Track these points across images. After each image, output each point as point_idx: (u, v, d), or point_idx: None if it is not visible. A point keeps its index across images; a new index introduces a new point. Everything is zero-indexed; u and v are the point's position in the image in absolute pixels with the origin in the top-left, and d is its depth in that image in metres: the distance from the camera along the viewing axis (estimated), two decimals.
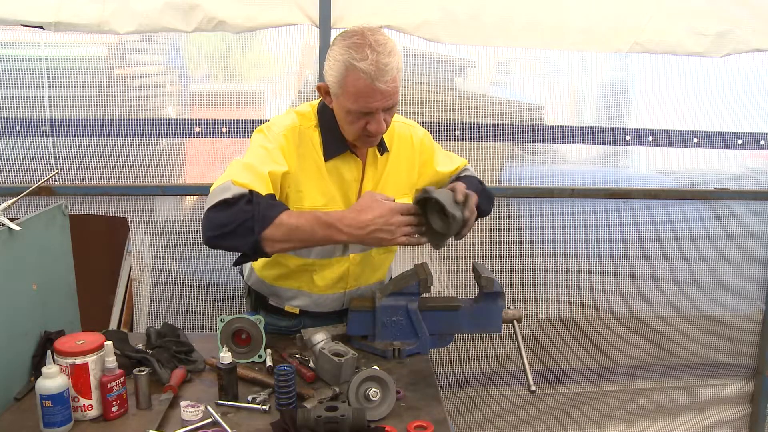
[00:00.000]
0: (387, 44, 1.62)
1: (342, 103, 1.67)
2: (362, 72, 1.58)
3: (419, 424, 1.46)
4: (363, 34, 1.62)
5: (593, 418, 2.90)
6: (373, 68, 1.58)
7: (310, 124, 1.79)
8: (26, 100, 2.30)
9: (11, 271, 1.57)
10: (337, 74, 1.63)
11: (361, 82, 1.60)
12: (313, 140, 1.78)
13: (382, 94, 1.62)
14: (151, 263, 2.48)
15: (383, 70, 1.59)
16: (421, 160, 1.96)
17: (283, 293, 1.93)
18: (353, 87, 1.61)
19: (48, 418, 1.40)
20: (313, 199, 1.79)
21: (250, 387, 1.62)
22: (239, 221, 1.56)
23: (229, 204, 1.57)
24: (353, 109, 1.65)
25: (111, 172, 2.39)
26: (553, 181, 2.62)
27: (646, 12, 2.41)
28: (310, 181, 1.78)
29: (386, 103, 1.66)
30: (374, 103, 1.64)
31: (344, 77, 1.62)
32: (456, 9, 2.33)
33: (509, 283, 2.64)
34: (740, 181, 2.73)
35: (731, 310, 2.83)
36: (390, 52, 1.61)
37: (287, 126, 1.76)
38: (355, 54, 1.59)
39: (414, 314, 1.81)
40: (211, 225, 1.59)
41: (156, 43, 2.39)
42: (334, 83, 1.65)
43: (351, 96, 1.63)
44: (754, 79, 2.62)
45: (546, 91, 2.58)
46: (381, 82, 1.60)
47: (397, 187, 1.93)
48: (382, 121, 1.68)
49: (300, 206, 1.78)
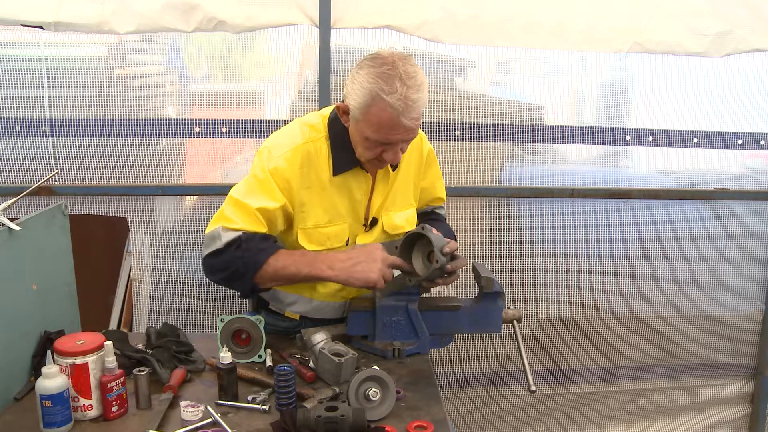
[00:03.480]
0: (417, 77, 1.59)
1: (361, 129, 1.65)
2: (389, 106, 1.56)
3: (419, 424, 1.46)
4: (394, 64, 1.58)
5: (593, 418, 2.90)
6: (401, 104, 1.56)
7: (320, 135, 1.77)
8: (26, 100, 2.30)
9: (11, 271, 1.57)
10: (361, 101, 1.60)
11: (386, 115, 1.58)
12: (321, 153, 1.76)
13: (406, 129, 1.62)
14: (151, 263, 2.48)
15: (411, 107, 1.57)
16: (426, 167, 1.98)
17: (284, 298, 1.93)
18: (377, 118, 1.59)
19: (48, 418, 1.40)
20: (317, 217, 1.78)
21: (250, 387, 1.62)
22: (232, 269, 1.68)
23: (219, 253, 1.67)
24: (372, 138, 1.64)
25: (111, 172, 2.39)
26: (553, 181, 2.62)
27: (646, 12, 2.41)
28: (314, 198, 1.77)
29: (407, 137, 1.66)
30: (396, 136, 1.63)
31: (369, 106, 1.59)
32: (456, 9, 2.33)
33: (509, 283, 2.64)
34: (740, 181, 2.73)
35: (731, 310, 2.83)
36: (419, 86, 1.59)
37: (290, 148, 1.73)
38: (384, 85, 1.56)
39: (414, 314, 1.81)
40: (208, 272, 1.74)
41: (156, 43, 2.39)
42: (357, 109, 1.63)
43: (373, 126, 1.61)
44: (754, 79, 2.61)
45: (546, 91, 2.58)
46: (407, 118, 1.58)
47: (404, 199, 1.94)
48: (398, 151, 1.68)
49: (304, 225, 1.78)
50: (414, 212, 1.99)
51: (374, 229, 1.89)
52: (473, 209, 2.59)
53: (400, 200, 1.92)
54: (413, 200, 1.98)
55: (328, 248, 1.81)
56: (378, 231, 1.89)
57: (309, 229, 1.79)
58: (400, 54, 1.63)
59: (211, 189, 2.41)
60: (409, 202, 1.96)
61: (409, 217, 1.95)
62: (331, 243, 1.81)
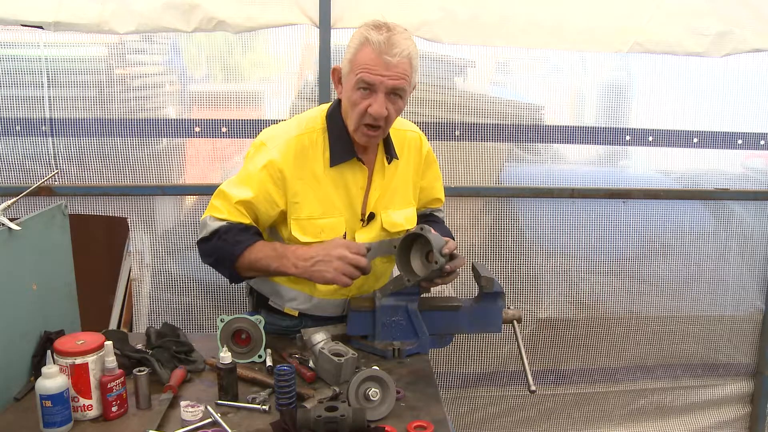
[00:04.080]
0: (404, 32, 1.70)
1: (350, 80, 1.71)
2: (372, 43, 1.65)
3: (419, 424, 1.46)
4: (385, 22, 1.71)
5: (593, 418, 2.90)
6: (384, 41, 1.65)
7: (317, 127, 1.80)
8: (26, 100, 2.30)
9: (11, 271, 1.57)
10: (350, 51, 1.70)
11: (369, 53, 1.66)
12: (317, 145, 1.79)
13: (388, 68, 1.66)
14: (150, 263, 2.48)
15: (393, 44, 1.65)
16: (425, 167, 2.00)
17: (285, 293, 1.93)
18: (362, 59, 1.67)
19: (48, 418, 1.40)
20: (311, 209, 1.80)
21: (250, 387, 1.62)
22: (215, 256, 1.79)
23: (206, 240, 1.78)
24: (357, 80, 1.67)
25: (111, 172, 2.39)
26: (553, 181, 2.62)
27: (646, 12, 2.41)
28: (308, 189, 1.79)
29: (390, 82, 1.67)
30: (378, 75, 1.66)
31: (356, 51, 1.68)
32: (456, 9, 2.33)
33: (509, 283, 2.64)
34: (740, 181, 2.73)
35: (731, 310, 2.83)
36: (403, 33, 1.70)
37: (284, 140, 1.77)
38: (371, 31, 1.67)
39: (414, 314, 1.81)
40: (200, 255, 1.84)
41: (156, 43, 2.39)
42: (347, 61, 1.71)
43: (358, 67, 1.68)
44: (754, 79, 2.61)
45: (546, 91, 2.58)
46: (389, 55, 1.65)
47: (404, 197, 1.95)
48: (383, 103, 1.69)
49: (297, 216, 1.80)
50: (414, 211, 1.99)
51: (372, 224, 1.89)
52: (473, 209, 2.59)
53: (399, 198, 1.93)
54: (413, 199, 1.99)
55: (323, 240, 1.80)
56: (377, 227, 1.89)
57: (303, 220, 1.80)
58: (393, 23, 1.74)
59: (211, 189, 2.38)
60: (408, 200, 1.97)
61: (408, 216, 1.95)
62: (326, 235, 1.81)
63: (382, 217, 1.89)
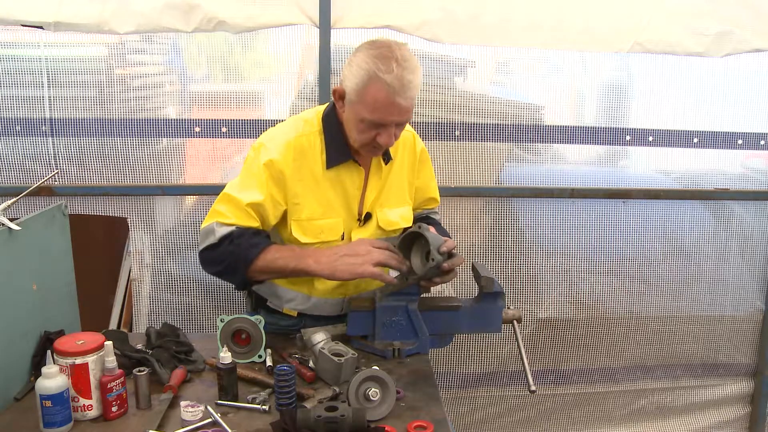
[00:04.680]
0: (412, 60, 1.65)
1: (357, 110, 1.68)
2: (385, 84, 1.61)
3: (419, 424, 1.46)
4: (390, 47, 1.64)
5: (593, 418, 2.90)
6: (397, 82, 1.61)
7: (314, 129, 1.80)
8: (26, 100, 2.30)
9: (11, 271, 1.57)
10: (358, 81, 1.65)
11: (381, 94, 1.62)
12: (314, 146, 1.79)
13: (400, 109, 1.65)
14: (150, 263, 2.48)
15: (406, 86, 1.62)
16: (419, 166, 2.00)
17: (283, 294, 1.93)
18: (373, 97, 1.63)
19: (48, 418, 1.40)
20: (311, 210, 1.80)
21: (250, 387, 1.62)
22: (226, 262, 1.73)
23: (214, 247, 1.73)
24: (367, 119, 1.67)
25: (111, 172, 2.39)
26: (553, 181, 2.62)
27: (646, 12, 2.41)
28: (307, 191, 1.79)
29: (402, 118, 1.69)
30: (390, 117, 1.67)
31: (365, 86, 1.64)
32: (456, 9, 2.33)
33: (509, 283, 2.64)
34: (740, 181, 2.73)
35: (731, 310, 2.82)
36: (414, 69, 1.64)
37: (283, 141, 1.77)
38: (381, 65, 1.61)
39: (414, 314, 1.81)
40: (204, 266, 1.79)
41: (156, 43, 2.39)
42: (353, 90, 1.67)
43: (369, 106, 1.65)
44: (754, 79, 2.62)
45: (546, 91, 2.58)
46: (402, 97, 1.63)
47: (399, 196, 1.95)
48: (392, 134, 1.71)
49: (298, 217, 1.81)
50: (410, 210, 2.00)
51: (369, 224, 1.90)
52: (473, 209, 2.59)
53: (394, 197, 1.94)
54: (408, 198, 2.00)
55: (323, 241, 1.83)
56: (372, 226, 1.90)
57: (303, 221, 1.80)
58: (396, 41, 1.70)
59: (211, 189, 2.41)
60: (404, 199, 1.98)
61: (404, 214, 1.96)
62: (325, 236, 1.82)
63: (378, 215, 1.91)
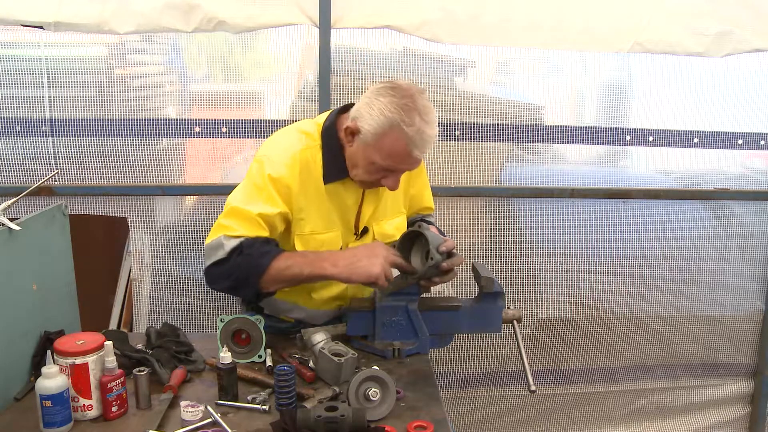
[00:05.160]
0: (432, 114, 1.67)
1: (370, 153, 1.68)
2: (407, 137, 1.62)
3: (419, 424, 1.46)
4: (413, 98, 1.64)
5: (593, 418, 2.90)
6: (418, 137, 1.62)
7: (314, 144, 1.79)
8: (26, 100, 2.30)
9: (11, 271, 1.57)
10: (377, 126, 1.64)
11: (401, 146, 1.63)
12: (315, 161, 1.78)
13: (414, 161, 1.68)
14: (150, 263, 2.48)
15: (426, 141, 1.64)
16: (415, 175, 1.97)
17: (280, 305, 1.93)
18: (390, 147, 1.64)
19: (48, 418, 1.40)
20: (314, 224, 1.80)
21: (250, 387, 1.62)
22: (236, 275, 1.68)
23: (223, 262, 1.68)
24: (379, 164, 1.68)
25: (111, 172, 2.39)
26: (553, 181, 2.62)
27: (646, 12, 2.41)
28: (311, 205, 1.78)
29: (412, 167, 1.73)
30: (403, 166, 1.70)
31: (385, 133, 1.64)
32: (456, 9, 2.33)
33: (509, 283, 2.64)
34: (740, 181, 2.73)
35: (731, 310, 2.82)
36: (434, 123, 1.66)
37: (290, 155, 1.74)
38: (405, 117, 1.61)
39: (414, 314, 1.81)
40: (212, 282, 1.73)
41: (156, 43, 2.39)
42: (371, 133, 1.66)
43: (384, 152, 1.66)
44: (754, 79, 2.62)
45: (546, 91, 2.58)
46: (420, 151, 1.65)
47: (394, 207, 1.96)
48: (399, 180, 1.74)
49: (301, 232, 1.80)
50: (404, 219, 2.01)
51: (365, 238, 1.91)
52: (473, 209, 2.59)
53: (390, 209, 1.94)
54: (403, 207, 2.00)
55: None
56: (369, 240, 1.91)
57: (306, 235, 1.80)
58: (418, 87, 1.70)
59: (211, 189, 2.41)
60: (399, 209, 1.98)
61: (399, 225, 1.97)
62: (325, 249, 1.81)
63: (375, 229, 1.91)
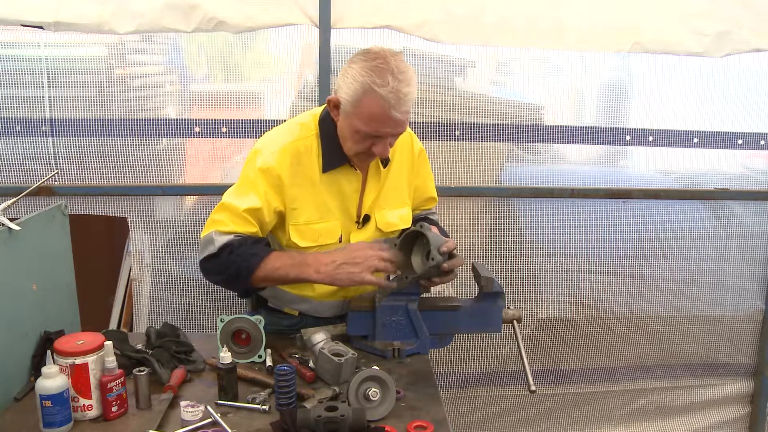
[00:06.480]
0: (407, 72, 1.64)
1: (352, 122, 1.68)
2: (381, 98, 1.60)
3: (419, 424, 1.46)
4: (386, 59, 1.63)
5: (593, 418, 2.90)
6: (393, 96, 1.60)
7: (311, 133, 1.80)
8: (26, 100, 2.30)
9: (11, 271, 1.57)
10: (353, 93, 1.64)
11: (377, 107, 1.62)
12: (311, 151, 1.79)
13: (396, 122, 1.65)
14: (151, 263, 2.48)
15: (402, 100, 1.62)
16: (418, 165, 2.00)
17: (283, 296, 1.94)
18: (368, 110, 1.63)
19: (48, 418, 1.40)
20: (308, 214, 1.80)
21: (250, 387, 1.62)
22: (226, 272, 1.73)
23: (214, 257, 1.73)
24: (363, 131, 1.67)
25: (111, 172, 2.38)
26: (553, 181, 2.62)
27: (646, 12, 2.41)
28: (305, 195, 1.79)
29: (396, 131, 1.70)
30: (385, 129, 1.67)
31: (361, 98, 1.63)
32: (456, 9, 2.33)
33: (509, 283, 2.64)
34: (740, 181, 2.72)
35: (731, 310, 2.82)
36: (410, 81, 1.64)
37: (280, 147, 1.76)
38: (377, 78, 1.60)
39: (414, 314, 1.81)
40: (206, 275, 1.79)
41: (156, 43, 2.39)
42: (348, 101, 1.66)
43: (364, 118, 1.65)
44: (754, 79, 2.61)
45: (546, 91, 2.58)
46: (397, 111, 1.62)
47: (398, 197, 1.95)
48: (387, 145, 1.71)
49: (296, 222, 1.81)
50: (409, 211, 2.00)
51: (367, 226, 1.90)
52: (473, 209, 2.59)
53: (393, 198, 1.94)
54: (407, 199, 2.00)
55: (321, 245, 1.83)
56: (371, 228, 1.90)
57: (301, 225, 1.81)
58: (391, 50, 1.68)
59: (211, 189, 2.41)
60: (403, 200, 1.97)
61: (403, 215, 1.96)
62: (323, 239, 1.83)
63: (377, 217, 1.91)
